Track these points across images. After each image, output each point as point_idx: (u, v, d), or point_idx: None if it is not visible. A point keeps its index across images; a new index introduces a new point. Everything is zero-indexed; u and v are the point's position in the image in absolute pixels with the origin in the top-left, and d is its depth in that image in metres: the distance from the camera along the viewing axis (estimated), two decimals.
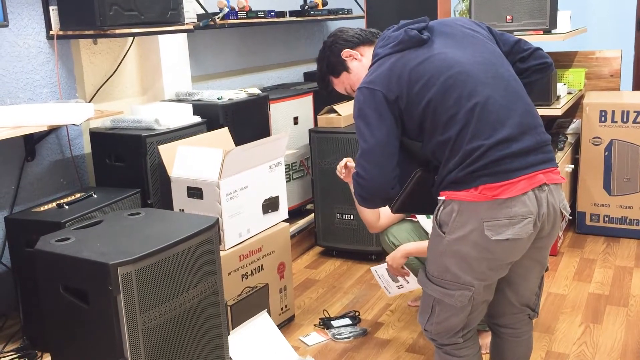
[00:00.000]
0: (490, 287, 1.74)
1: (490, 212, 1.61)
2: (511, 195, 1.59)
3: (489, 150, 1.61)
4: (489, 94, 1.65)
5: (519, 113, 1.66)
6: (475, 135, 1.62)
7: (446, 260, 1.69)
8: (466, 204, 1.62)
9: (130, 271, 1.66)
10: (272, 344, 2.46)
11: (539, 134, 1.69)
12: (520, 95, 1.71)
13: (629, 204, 3.69)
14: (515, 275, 1.79)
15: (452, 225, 1.65)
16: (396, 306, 3.00)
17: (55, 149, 2.83)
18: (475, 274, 1.67)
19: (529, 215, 1.62)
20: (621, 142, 3.64)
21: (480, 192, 1.61)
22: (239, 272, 2.56)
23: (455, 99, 1.65)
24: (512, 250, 1.66)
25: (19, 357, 2.31)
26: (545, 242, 1.75)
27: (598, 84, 4.17)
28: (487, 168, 1.61)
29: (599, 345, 2.58)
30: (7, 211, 2.62)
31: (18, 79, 2.65)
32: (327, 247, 3.64)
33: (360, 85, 1.77)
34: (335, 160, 3.41)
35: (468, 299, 1.69)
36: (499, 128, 1.62)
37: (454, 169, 1.64)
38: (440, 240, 1.69)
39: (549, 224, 1.70)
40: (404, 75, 1.70)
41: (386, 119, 1.71)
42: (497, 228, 1.61)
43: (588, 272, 3.29)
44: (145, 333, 1.70)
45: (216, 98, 3.09)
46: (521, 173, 1.61)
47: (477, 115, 1.63)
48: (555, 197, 1.69)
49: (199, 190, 2.48)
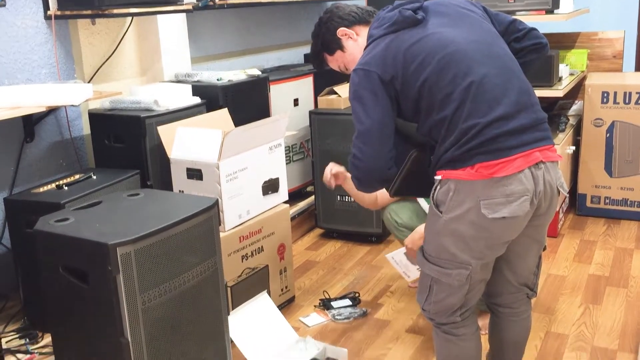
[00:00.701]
0: (488, 265, 1.74)
1: (486, 191, 1.61)
2: (507, 173, 1.59)
3: (484, 128, 1.60)
4: (484, 72, 1.64)
5: (515, 91, 1.66)
6: (471, 114, 1.61)
7: (443, 239, 1.69)
8: (462, 182, 1.62)
9: (130, 251, 1.65)
10: (272, 324, 2.47)
11: (535, 111, 1.68)
12: (516, 74, 1.71)
13: (629, 186, 3.68)
14: (513, 254, 1.79)
15: (448, 205, 1.65)
16: (396, 287, 3.01)
17: (54, 130, 2.82)
18: (473, 252, 1.67)
19: (525, 193, 1.62)
20: (623, 123, 3.62)
21: (477, 170, 1.60)
22: (239, 253, 2.57)
23: (450, 78, 1.64)
24: (509, 228, 1.66)
25: (20, 337, 2.32)
26: (542, 220, 1.75)
27: (600, 65, 4.14)
28: (483, 146, 1.60)
29: (598, 326, 2.59)
30: (6, 192, 2.62)
31: (16, 60, 2.63)
32: (327, 229, 3.64)
33: (356, 66, 1.76)
34: (336, 141, 3.42)
35: (465, 278, 1.69)
36: (495, 106, 1.62)
37: (450, 148, 1.64)
38: (437, 220, 1.69)
39: (546, 201, 1.70)
40: (399, 55, 1.69)
41: (382, 100, 1.71)
42: (493, 206, 1.61)
43: (588, 253, 3.29)
44: (145, 313, 1.70)
45: (216, 79, 3.07)
46: (517, 151, 1.61)
47: (473, 94, 1.62)
48: (552, 175, 1.69)
49: (199, 171, 2.48)
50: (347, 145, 3.39)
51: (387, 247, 3.45)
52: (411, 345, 2.51)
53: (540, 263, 1.90)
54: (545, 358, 2.38)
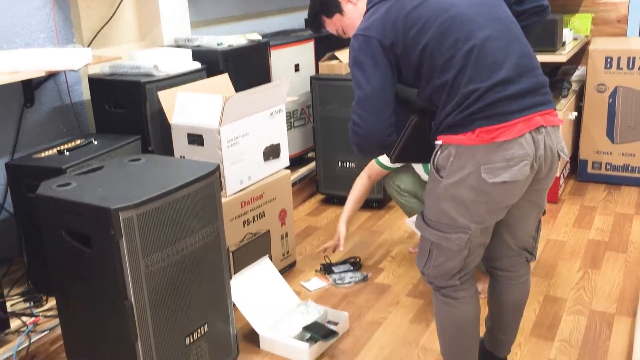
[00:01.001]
0: (487, 230, 1.75)
1: (487, 155, 1.61)
2: (508, 138, 1.59)
3: (485, 92, 1.60)
4: (486, 35, 1.63)
5: (516, 55, 1.65)
6: (472, 78, 1.61)
7: (443, 204, 1.69)
8: (463, 147, 1.62)
9: (132, 216, 1.66)
10: (274, 288, 2.50)
11: (536, 75, 1.67)
12: (517, 37, 1.69)
13: (631, 152, 3.68)
14: (513, 218, 1.80)
15: (449, 169, 1.65)
16: (397, 252, 3.03)
17: (54, 95, 2.81)
18: (473, 217, 1.68)
19: (525, 157, 1.62)
20: (626, 88, 3.60)
21: (477, 135, 1.60)
22: (241, 218, 2.58)
23: (452, 42, 1.63)
24: (509, 192, 1.66)
25: (24, 300, 2.34)
26: (542, 185, 1.75)
27: (605, 29, 4.09)
28: (484, 111, 1.60)
29: (596, 290, 2.62)
30: (7, 157, 2.62)
31: (14, 24, 2.60)
32: (328, 195, 3.65)
33: (355, 32, 1.75)
34: (337, 107, 3.40)
35: (465, 242, 1.70)
36: (496, 70, 1.61)
37: (451, 113, 1.63)
38: (438, 185, 1.69)
39: (546, 166, 1.70)
40: (399, 20, 1.67)
41: (382, 65, 1.69)
42: (494, 171, 1.61)
43: (588, 219, 3.31)
44: (148, 276, 1.72)
45: (216, 44, 3.04)
46: (518, 115, 1.60)
47: (475, 58, 1.61)
48: (553, 139, 1.69)
49: (200, 137, 2.47)
50: (348, 111, 3.37)
51: (387, 213, 3.47)
52: (411, 309, 2.54)
53: (540, 227, 1.91)
54: (544, 321, 2.41)
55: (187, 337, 1.87)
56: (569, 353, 2.22)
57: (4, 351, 2.07)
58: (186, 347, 1.87)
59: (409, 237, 3.18)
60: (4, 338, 2.12)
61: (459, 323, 1.84)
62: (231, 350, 2.09)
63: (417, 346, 2.30)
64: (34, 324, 2.20)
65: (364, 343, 2.33)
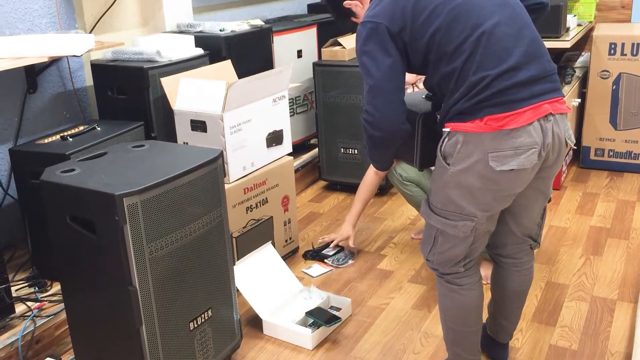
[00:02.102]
0: (493, 217, 1.75)
1: (495, 143, 1.60)
2: (517, 125, 1.58)
3: (494, 80, 1.59)
4: (496, 21, 1.62)
5: (526, 41, 1.64)
6: (481, 66, 1.60)
7: (450, 191, 1.69)
8: (471, 135, 1.62)
9: (136, 202, 1.67)
10: (277, 274, 2.51)
11: (545, 62, 1.66)
12: (526, 23, 1.68)
13: (634, 139, 3.67)
14: (518, 206, 1.80)
15: (456, 157, 1.65)
16: (399, 239, 3.04)
17: (57, 81, 2.80)
18: (479, 205, 1.68)
19: (534, 145, 1.61)
20: (630, 75, 3.59)
21: (486, 122, 1.60)
22: (244, 204, 2.58)
23: (461, 29, 1.62)
24: (517, 180, 1.66)
25: (29, 285, 2.36)
26: (549, 172, 1.75)
27: (609, 15, 4.07)
28: (493, 98, 1.59)
29: (598, 277, 2.62)
30: (11, 143, 2.63)
31: (16, 9, 2.59)
32: (330, 181, 3.66)
33: (363, 19, 1.74)
34: (340, 93, 3.39)
35: (471, 230, 1.70)
36: (505, 57, 1.60)
37: (460, 100, 1.62)
38: (445, 172, 1.69)
39: (554, 153, 1.70)
40: (408, 6, 1.67)
41: (391, 52, 1.69)
42: (502, 159, 1.60)
43: (590, 205, 3.31)
44: (152, 262, 1.73)
45: (218, 30, 3.03)
46: (527, 103, 1.60)
47: (483, 45, 1.60)
48: (561, 127, 1.68)
49: (203, 123, 2.47)
50: (351, 97, 3.39)
51: (390, 199, 3.47)
52: (413, 295, 2.55)
53: (545, 214, 1.91)
54: (546, 307, 2.43)
55: (191, 322, 1.89)
56: (571, 339, 2.23)
57: (9, 336, 2.09)
58: (190, 332, 1.89)
59: (411, 223, 3.19)
60: (9, 323, 2.14)
61: (463, 309, 1.85)
62: (235, 335, 2.10)
63: (419, 331, 2.32)
64: (39, 309, 2.22)
65: (367, 328, 2.35)
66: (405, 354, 2.20)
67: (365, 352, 2.21)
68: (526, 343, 2.22)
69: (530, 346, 2.20)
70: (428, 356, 2.18)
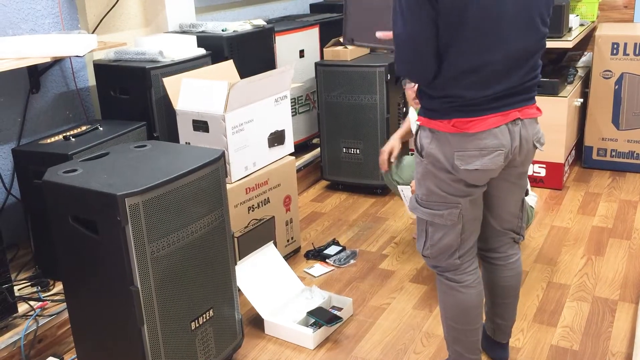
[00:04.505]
0: (477, 201, 1.79)
1: (461, 143, 1.65)
2: (481, 129, 1.63)
3: (471, 99, 1.62)
4: (503, 55, 1.59)
5: (522, 72, 1.64)
6: (467, 88, 1.61)
7: (428, 182, 1.75)
8: (439, 132, 1.67)
9: (138, 202, 1.68)
10: (279, 274, 2.51)
11: (523, 74, 1.66)
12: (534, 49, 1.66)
13: (636, 139, 3.67)
14: (494, 199, 1.84)
15: (427, 150, 1.71)
16: (400, 239, 3.04)
17: (60, 81, 2.81)
18: (457, 191, 1.72)
19: (499, 147, 1.65)
20: (632, 75, 3.58)
21: (453, 124, 1.65)
22: (246, 204, 2.59)
23: (476, 50, 1.58)
24: (482, 177, 1.71)
25: (31, 285, 2.37)
26: (518, 170, 1.80)
27: (611, 15, 4.07)
28: (463, 107, 1.63)
29: (600, 277, 2.62)
30: (14, 143, 2.64)
31: (20, 9, 2.60)
32: (332, 181, 3.66)
33: None
34: (342, 93, 3.40)
35: (457, 217, 1.75)
36: (492, 86, 1.62)
37: (435, 97, 1.66)
38: (420, 163, 1.76)
39: (521, 156, 1.74)
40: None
41: (424, 6, 1.56)
42: (466, 158, 1.65)
43: (592, 205, 3.31)
44: (154, 262, 1.74)
45: (221, 30, 3.04)
46: (494, 112, 1.64)
47: (482, 74, 1.60)
48: (529, 131, 1.72)
49: (205, 123, 2.48)
50: (353, 97, 3.40)
51: (392, 199, 3.48)
52: (415, 295, 2.56)
53: (524, 207, 1.93)
54: (547, 308, 2.43)
55: (192, 322, 1.89)
56: (572, 339, 2.23)
57: (12, 335, 2.10)
58: (192, 332, 1.89)
59: (412, 223, 3.19)
60: (12, 322, 2.15)
61: (463, 307, 1.86)
62: (236, 334, 2.11)
63: (420, 331, 2.32)
64: (41, 308, 2.22)
65: (368, 328, 2.35)
66: (406, 354, 2.20)
67: (367, 352, 2.22)
68: (527, 343, 2.22)
69: (531, 346, 2.21)
70: (429, 356, 2.18)
